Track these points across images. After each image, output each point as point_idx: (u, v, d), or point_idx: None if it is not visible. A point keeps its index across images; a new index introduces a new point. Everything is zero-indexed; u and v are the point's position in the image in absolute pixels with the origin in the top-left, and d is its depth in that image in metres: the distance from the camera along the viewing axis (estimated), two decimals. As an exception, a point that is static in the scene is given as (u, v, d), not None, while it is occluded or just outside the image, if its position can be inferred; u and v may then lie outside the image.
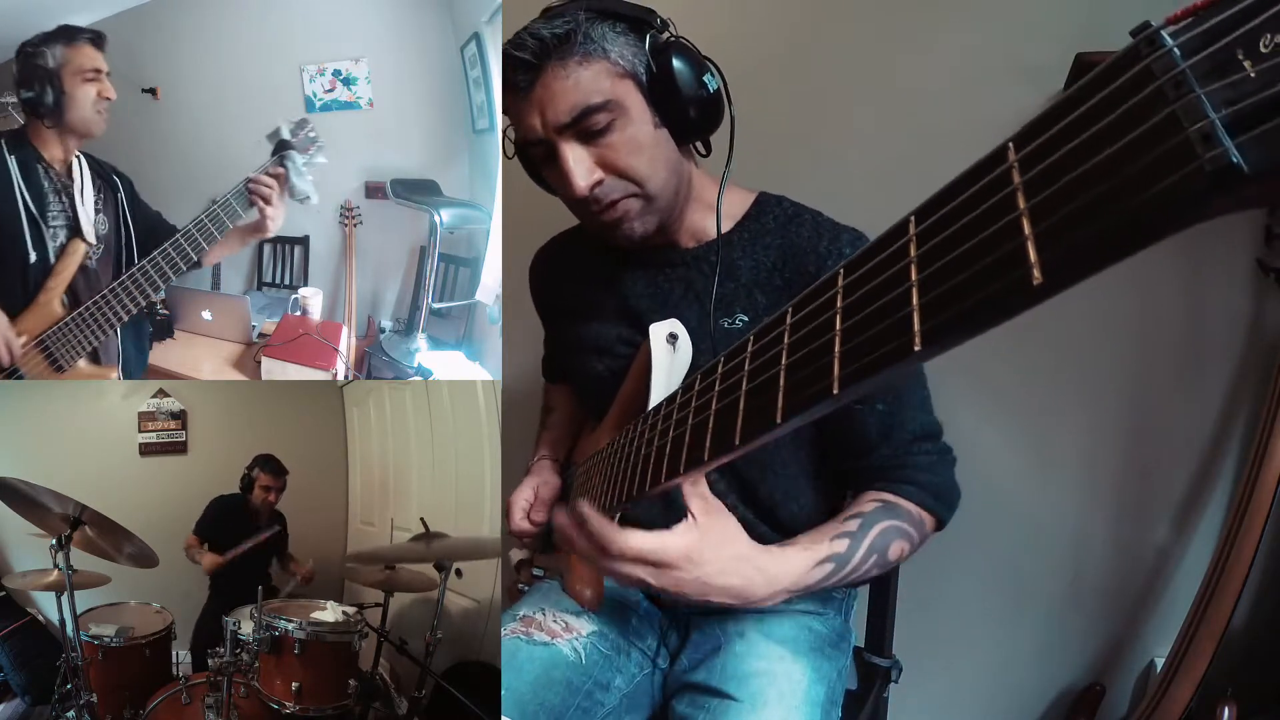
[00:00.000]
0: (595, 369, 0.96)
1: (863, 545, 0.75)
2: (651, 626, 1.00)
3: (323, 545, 1.61)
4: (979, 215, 0.27)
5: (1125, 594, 1.28)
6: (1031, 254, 0.25)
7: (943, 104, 1.24)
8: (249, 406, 1.62)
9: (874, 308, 0.32)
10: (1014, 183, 0.26)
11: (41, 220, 1.06)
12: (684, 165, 0.87)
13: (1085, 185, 0.23)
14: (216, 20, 1.39)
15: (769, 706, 0.82)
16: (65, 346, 1.07)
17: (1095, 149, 0.23)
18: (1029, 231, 0.25)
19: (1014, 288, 0.25)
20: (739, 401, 0.44)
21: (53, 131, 1.09)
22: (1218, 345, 1.17)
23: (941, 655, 1.38)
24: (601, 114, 0.78)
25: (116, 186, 1.18)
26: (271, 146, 1.25)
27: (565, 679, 0.88)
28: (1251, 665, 1.18)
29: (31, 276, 1.05)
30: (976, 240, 0.27)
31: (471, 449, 1.40)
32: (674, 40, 0.80)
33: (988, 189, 0.27)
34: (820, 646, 0.92)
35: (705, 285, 0.89)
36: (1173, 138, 0.21)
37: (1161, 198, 0.21)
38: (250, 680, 1.15)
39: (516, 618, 0.95)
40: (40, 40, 1.06)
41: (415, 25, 1.46)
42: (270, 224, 1.17)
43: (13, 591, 1.42)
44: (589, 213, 0.84)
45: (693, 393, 0.53)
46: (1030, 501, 1.30)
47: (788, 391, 0.39)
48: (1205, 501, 1.22)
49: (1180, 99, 0.21)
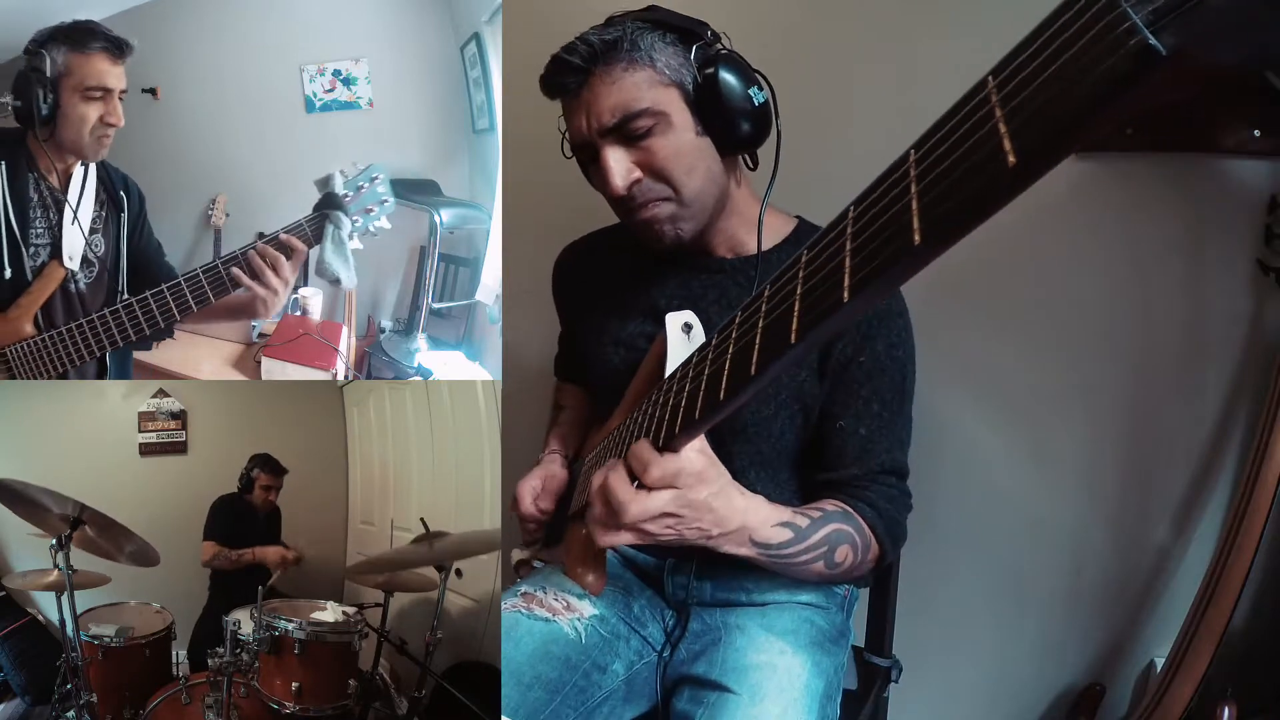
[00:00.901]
0: (612, 360, 0.97)
1: (820, 531, 0.77)
2: (654, 614, 1.00)
3: (323, 545, 1.62)
4: (965, 129, 0.33)
5: (1125, 594, 1.28)
6: (1007, 144, 0.30)
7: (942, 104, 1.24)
8: (249, 406, 1.62)
9: (879, 223, 0.37)
10: (991, 99, 0.32)
11: (21, 237, 0.95)
12: (724, 177, 0.88)
13: (1047, 84, 0.29)
14: (216, 20, 1.40)
15: (767, 699, 0.82)
16: (28, 366, 0.97)
17: (1054, 58, 0.29)
18: (1004, 130, 0.31)
19: (995, 174, 0.31)
20: (755, 337, 0.48)
21: (50, 143, 0.97)
22: (1218, 345, 1.17)
23: (941, 655, 1.38)
24: (643, 119, 0.81)
25: (121, 205, 1.05)
26: (318, 197, 1.02)
27: (564, 655, 0.89)
28: (1251, 665, 1.18)
29: (2, 293, 0.96)
30: (963, 148, 0.33)
31: (471, 449, 1.40)
32: (722, 52, 0.83)
33: (971, 109, 0.33)
34: (820, 641, 0.93)
35: (740, 296, 0.90)
36: (1108, 35, 0.27)
37: (1102, 78, 0.28)
38: (250, 680, 1.15)
39: (518, 594, 0.96)
40: (46, 36, 0.92)
41: (415, 25, 1.46)
42: (262, 307, 0.97)
43: (13, 591, 1.42)
44: (626, 211, 0.87)
45: (709, 349, 0.57)
46: (1030, 502, 1.30)
47: (802, 313, 0.43)
48: (1205, 501, 1.22)
49: (1113, 10, 0.28)
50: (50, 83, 0.91)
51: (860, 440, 0.87)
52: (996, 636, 1.38)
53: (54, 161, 0.97)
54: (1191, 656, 1.07)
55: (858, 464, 0.87)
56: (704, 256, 0.94)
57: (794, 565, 0.76)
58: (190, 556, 1.44)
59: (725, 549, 0.71)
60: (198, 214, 1.45)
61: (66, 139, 0.95)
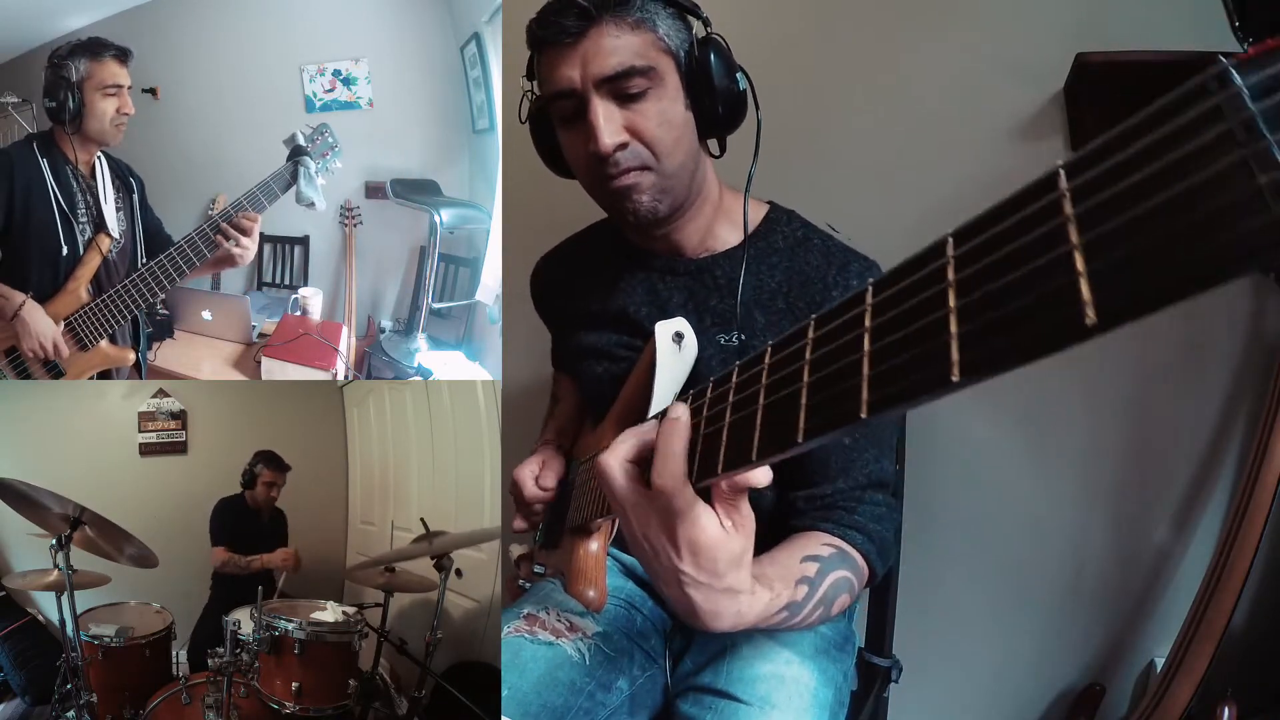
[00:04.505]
0: (596, 372, 0.96)
1: (817, 594, 0.70)
2: (656, 628, 1.00)
3: (323, 545, 1.61)
4: (1025, 245, 0.26)
5: (1125, 594, 1.28)
6: (1085, 292, 0.24)
7: (942, 103, 1.24)
8: (249, 406, 1.62)
9: (906, 332, 0.31)
10: (1065, 214, 0.25)
11: (72, 216, 1.16)
12: (700, 159, 0.87)
13: (1144, 226, 0.23)
14: (216, 20, 1.40)
15: (777, 709, 0.81)
16: (90, 329, 1.18)
17: (1155, 188, 0.22)
18: (1082, 269, 0.24)
19: (1064, 325, 0.25)
20: (756, 415, 0.42)
21: (76, 137, 1.16)
22: (1218, 345, 1.17)
23: (941, 655, 1.38)
24: (642, 78, 0.79)
25: (132, 188, 1.24)
26: (287, 151, 1.27)
27: (569, 679, 0.87)
28: (1251, 665, 1.18)
29: (62, 267, 1.16)
30: (1022, 272, 0.26)
31: (471, 449, 1.40)
32: (713, 36, 0.84)
33: (1036, 217, 0.26)
34: (826, 649, 0.92)
35: (707, 299, 0.89)
36: (1242, 185, 0.20)
37: (1228, 247, 0.21)
38: (250, 680, 1.15)
39: (520, 615, 0.94)
40: (67, 52, 1.14)
41: (415, 25, 1.46)
42: (240, 257, 1.20)
43: (13, 591, 1.42)
44: (602, 176, 0.83)
45: (704, 400, 0.50)
46: (1030, 502, 1.30)
47: (809, 411, 0.38)
48: (1205, 501, 1.22)
49: (1251, 144, 0.20)
50: (75, 86, 1.14)
51: (844, 450, 0.82)
52: (996, 636, 1.38)
53: (79, 153, 1.17)
54: (1191, 656, 1.06)
55: (843, 477, 0.81)
56: (671, 257, 0.92)
57: (783, 629, 0.71)
58: (190, 556, 1.44)
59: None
60: (198, 213, 1.45)
61: (92, 130, 1.16)
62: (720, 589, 0.54)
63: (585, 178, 0.87)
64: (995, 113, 1.22)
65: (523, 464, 0.99)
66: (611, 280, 0.95)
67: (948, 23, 1.23)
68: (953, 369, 0.28)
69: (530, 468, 0.98)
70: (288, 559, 1.46)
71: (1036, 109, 1.20)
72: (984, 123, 1.23)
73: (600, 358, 0.95)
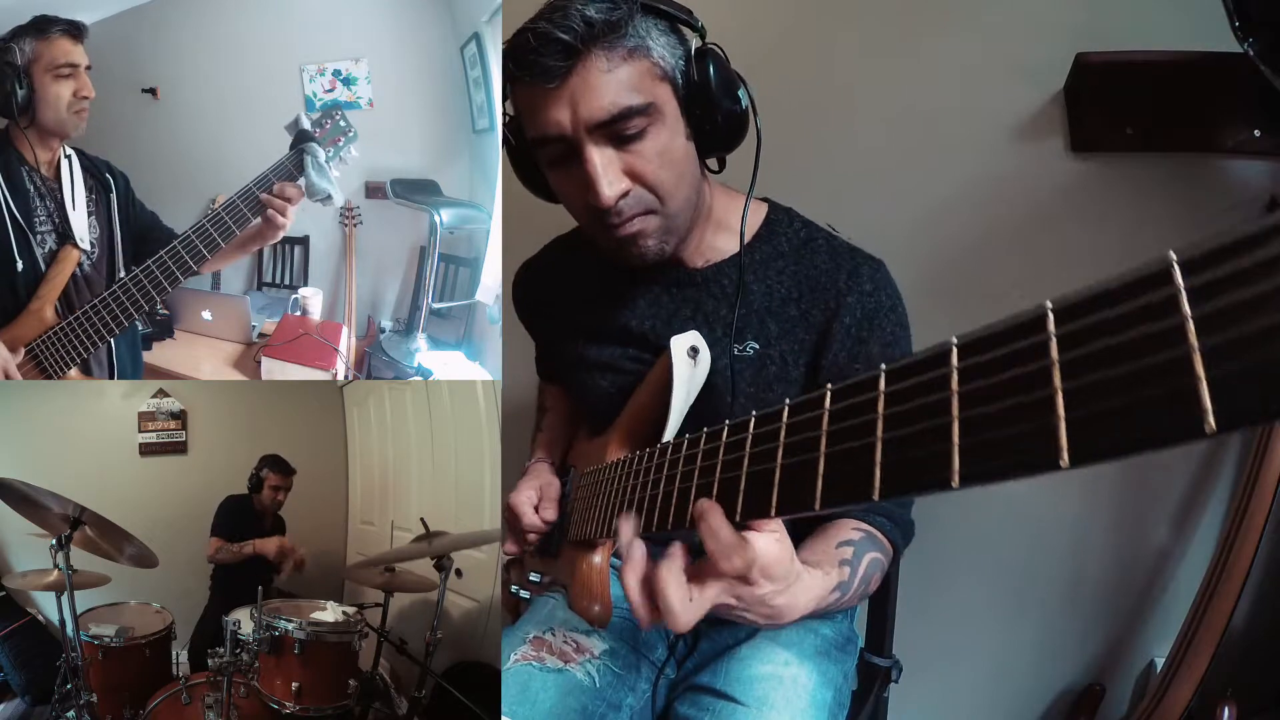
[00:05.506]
0: (601, 385, 0.92)
1: (859, 573, 0.71)
2: (660, 637, 0.98)
3: (323, 545, 1.62)
4: (1136, 334, 0.26)
5: (1125, 594, 1.28)
6: (1205, 398, 0.24)
7: (942, 103, 1.24)
8: (249, 406, 1.62)
9: (1004, 405, 0.31)
10: (1181, 307, 0.25)
11: (27, 227, 1.00)
12: (701, 181, 0.82)
13: (1271, 338, 0.23)
14: (216, 20, 1.40)
15: (775, 710, 0.81)
16: (55, 355, 1.03)
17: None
18: (1202, 374, 0.24)
19: (1181, 428, 0.25)
20: (817, 463, 0.42)
21: (33, 131, 1.01)
22: (1218, 345, 1.17)
23: (941, 655, 1.38)
24: (640, 118, 0.72)
25: (109, 186, 1.10)
26: (290, 137, 1.15)
27: (580, 705, 0.85)
28: (1251, 665, 1.18)
29: (21, 284, 1.01)
30: (1138, 365, 0.26)
31: (471, 449, 1.40)
32: (711, 48, 0.75)
33: (1149, 311, 0.26)
34: (827, 650, 0.91)
35: (716, 309, 0.85)
36: None
37: None
38: (250, 680, 1.15)
39: (525, 639, 0.90)
40: (10, 35, 0.98)
41: (415, 25, 1.46)
42: (275, 234, 1.09)
43: (13, 591, 1.42)
44: (604, 226, 0.77)
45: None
46: (1030, 501, 1.30)
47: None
48: (1205, 501, 1.22)
49: None
50: (22, 70, 0.98)
51: None
52: (996, 637, 1.38)
53: (39, 152, 1.02)
54: (1191, 656, 1.06)
55: None
56: (674, 268, 0.87)
57: (831, 611, 0.71)
58: (190, 556, 1.45)
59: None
60: (197, 213, 1.44)
61: (47, 119, 1.01)
62: (793, 583, 0.57)
63: (584, 223, 0.81)
64: (995, 113, 1.22)
65: (519, 489, 0.94)
66: (609, 293, 0.91)
67: (948, 23, 1.23)
68: (1061, 454, 0.28)
69: (527, 494, 0.93)
70: (284, 546, 1.46)
71: (1036, 109, 1.20)
72: (984, 123, 1.23)
73: (605, 370, 0.92)
